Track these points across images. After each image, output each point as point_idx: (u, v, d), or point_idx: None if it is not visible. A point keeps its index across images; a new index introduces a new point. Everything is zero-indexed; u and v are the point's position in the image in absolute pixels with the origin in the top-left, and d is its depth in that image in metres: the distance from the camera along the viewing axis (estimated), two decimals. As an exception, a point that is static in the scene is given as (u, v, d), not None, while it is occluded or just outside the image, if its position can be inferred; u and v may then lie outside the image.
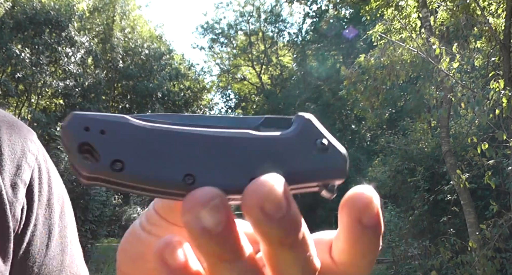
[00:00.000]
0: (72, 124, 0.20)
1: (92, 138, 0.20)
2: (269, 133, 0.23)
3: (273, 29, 22.56)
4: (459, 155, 5.44)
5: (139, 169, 0.20)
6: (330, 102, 17.18)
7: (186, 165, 0.20)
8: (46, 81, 12.36)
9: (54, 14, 11.79)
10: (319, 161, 0.22)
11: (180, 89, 19.39)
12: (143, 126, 0.21)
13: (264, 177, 0.20)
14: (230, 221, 0.19)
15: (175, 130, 0.21)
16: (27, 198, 0.46)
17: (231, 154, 0.21)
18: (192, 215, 0.19)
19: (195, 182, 0.20)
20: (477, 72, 5.55)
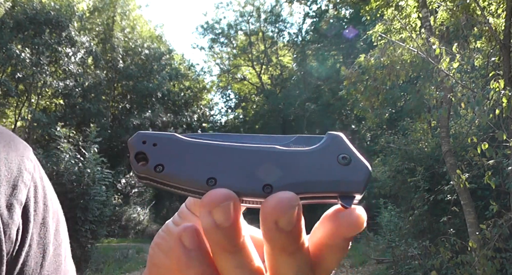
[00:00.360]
0: (134, 139, 0.27)
1: (146, 148, 0.27)
2: (295, 148, 0.26)
3: (273, 29, 22.58)
4: (459, 155, 5.44)
5: (175, 171, 0.26)
6: (330, 102, 17.18)
7: (211, 170, 0.26)
8: (46, 81, 12.36)
9: (54, 14, 11.79)
10: (338, 173, 0.25)
11: (180, 89, 19.39)
12: (184, 141, 0.27)
13: (282, 194, 0.23)
14: (236, 220, 0.23)
15: (208, 144, 0.27)
16: (23, 218, 0.45)
17: (252, 164, 0.26)
18: (205, 211, 0.23)
19: (216, 184, 0.25)
20: (477, 72, 5.55)
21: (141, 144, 0.27)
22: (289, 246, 0.24)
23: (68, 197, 6.95)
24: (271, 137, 0.28)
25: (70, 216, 6.82)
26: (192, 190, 0.26)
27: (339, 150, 0.26)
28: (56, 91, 13.45)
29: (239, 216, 0.24)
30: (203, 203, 0.23)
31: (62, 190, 6.88)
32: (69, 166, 7.27)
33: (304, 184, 0.25)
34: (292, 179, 0.25)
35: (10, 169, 0.45)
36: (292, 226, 0.23)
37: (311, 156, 0.26)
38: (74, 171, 7.24)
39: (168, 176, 0.26)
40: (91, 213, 7.22)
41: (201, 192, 0.25)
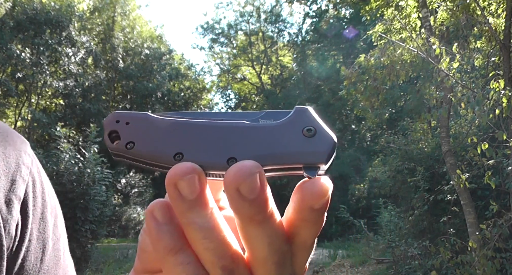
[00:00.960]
0: (108, 118, 0.28)
1: (119, 127, 0.28)
2: (261, 123, 0.27)
3: (273, 29, 22.58)
4: (459, 155, 5.44)
5: (144, 148, 0.27)
6: (330, 102, 17.19)
7: (179, 146, 0.27)
8: (47, 81, 12.36)
9: (55, 14, 11.79)
10: (303, 145, 0.26)
11: (180, 89, 19.39)
12: (155, 119, 0.28)
13: (243, 162, 0.24)
14: (202, 192, 0.24)
15: (178, 121, 0.28)
16: (22, 213, 0.45)
17: (219, 139, 0.26)
18: (171, 184, 0.24)
19: (182, 159, 0.26)
20: (477, 72, 5.55)
21: (115, 123, 0.28)
22: (255, 215, 0.23)
23: (68, 197, 6.95)
24: (242, 113, 0.29)
25: (70, 216, 6.82)
26: (161, 165, 0.27)
27: (304, 122, 0.27)
28: (56, 91, 13.45)
29: (205, 189, 0.24)
30: (168, 177, 0.24)
31: (62, 190, 6.88)
32: (69, 166, 7.27)
33: (268, 156, 0.25)
34: (256, 151, 0.26)
35: (8, 163, 0.45)
36: (255, 194, 0.23)
37: (276, 130, 0.26)
38: (74, 171, 7.23)
39: (138, 152, 0.27)
40: (91, 213, 7.22)
41: (169, 167, 0.25)
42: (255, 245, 0.25)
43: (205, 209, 0.24)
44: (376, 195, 8.86)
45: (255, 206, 0.23)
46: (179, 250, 0.25)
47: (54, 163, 7.35)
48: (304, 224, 0.25)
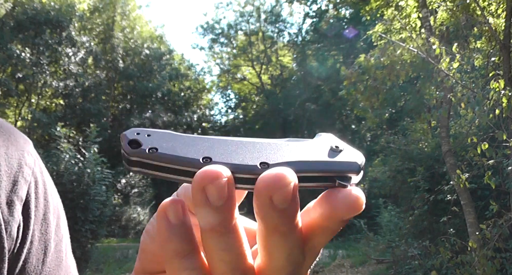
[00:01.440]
0: (127, 131, 0.27)
1: (140, 137, 0.26)
2: (288, 142, 0.27)
3: (273, 29, 22.57)
4: (459, 155, 5.44)
5: (168, 151, 0.25)
6: (330, 102, 17.18)
7: (206, 151, 0.25)
8: (47, 81, 12.36)
9: (55, 14, 11.79)
10: (334, 157, 0.26)
11: (180, 89, 19.39)
12: (178, 134, 0.27)
13: (278, 168, 0.22)
14: (230, 199, 0.22)
15: (203, 137, 0.27)
16: (24, 214, 0.44)
17: (249, 148, 0.26)
18: (198, 187, 0.22)
19: (211, 162, 0.24)
20: (477, 72, 5.55)
21: (135, 135, 0.26)
22: (282, 226, 0.22)
23: (68, 197, 6.95)
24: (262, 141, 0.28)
25: (70, 216, 6.83)
26: (185, 170, 0.25)
27: (331, 142, 0.27)
28: (56, 91, 13.45)
29: (234, 196, 0.23)
30: (196, 179, 0.22)
31: (62, 190, 6.88)
32: (69, 166, 7.27)
33: (302, 163, 0.24)
34: (289, 158, 0.25)
35: (10, 164, 0.45)
36: (287, 204, 0.22)
37: (305, 145, 0.26)
38: (74, 171, 7.24)
39: (161, 156, 0.25)
40: (91, 213, 7.22)
41: (195, 171, 0.24)
42: (274, 255, 0.24)
43: (231, 219, 0.23)
44: (376, 195, 8.86)
45: (284, 216, 0.22)
46: (187, 255, 0.24)
47: (54, 163, 7.35)
48: (324, 232, 0.25)
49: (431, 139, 7.55)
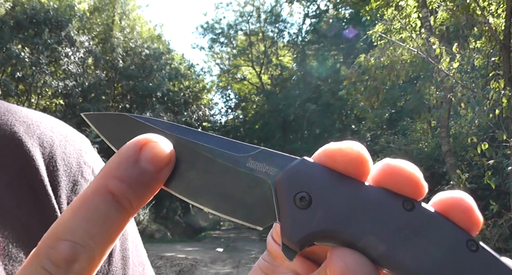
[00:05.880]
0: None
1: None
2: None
3: (273, 29, 22.57)
4: (459, 155, 5.44)
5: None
6: (330, 102, 17.18)
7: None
8: (46, 81, 12.36)
9: (54, 13, 11.79)
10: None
11: (180, 89, 19.39)
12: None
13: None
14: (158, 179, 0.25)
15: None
16: None
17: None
18: (137, 144, 0.24)
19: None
20: (477, 72, 5.54)
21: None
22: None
23: None
24: (233, 143, 0.26)
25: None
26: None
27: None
28: (56, 91, 13.45)
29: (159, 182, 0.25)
30: (140, 137, 0.24)
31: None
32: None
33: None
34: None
35: (69, 163, 0.44)
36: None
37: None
38: (74, 171, 7.23)
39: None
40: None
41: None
42: None
43: (139, 201, 0.25)
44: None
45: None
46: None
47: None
48: None
49: (431, 138, 7.55)
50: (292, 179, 0.24)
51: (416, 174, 0.23)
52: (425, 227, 0.22)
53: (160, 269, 7.07)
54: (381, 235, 0.22)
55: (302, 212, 0.23)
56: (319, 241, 0.23)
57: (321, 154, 0.24)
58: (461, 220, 0.22)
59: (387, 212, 0.22)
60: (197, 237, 16.75)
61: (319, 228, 0.23)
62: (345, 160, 0.23)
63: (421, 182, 0.23)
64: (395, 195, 0.23)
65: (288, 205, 0.23)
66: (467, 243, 0.22)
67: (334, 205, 0.23)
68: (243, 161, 0.25)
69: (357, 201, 0.23)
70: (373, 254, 0.22)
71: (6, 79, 11.37)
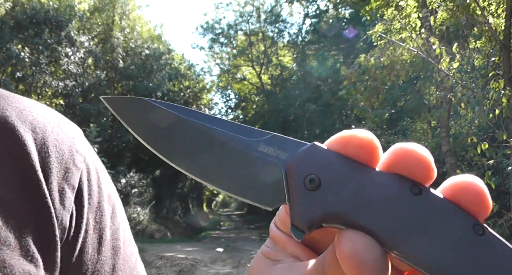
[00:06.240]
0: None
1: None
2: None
3: (273, 29, 22.57)
4: (459, 155, 5.44)
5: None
6: (330, 102, 17.18)
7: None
8: (46, 81, 12.36)
9: (54, 13, 11.79)
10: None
11: (180, 89, 19.39)
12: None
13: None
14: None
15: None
16: (76, 203, 0.43)
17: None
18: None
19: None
20: (477, 72, 5.54)
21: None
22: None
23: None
24: (246, 128, 0.28)
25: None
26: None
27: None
28: (56, 91, 13.45)
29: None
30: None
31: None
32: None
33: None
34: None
35: (61, 150, 0.44)
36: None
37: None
38: (74, 171, 7.22)
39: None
40: (91, 213, 7.22)
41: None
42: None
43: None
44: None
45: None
46: None
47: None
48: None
49: (431, 138, 7.55)
50: (303, 162, 0.24)
51: (426, 157, 0.23)
52: (432, 212, 0.22)
53: (160, 269, 7.07)
54: (387, 218, 0.22)
55: (311, 194, 0.24)
56: (327, 223, 0.24)
57: (334, 140, 0.25)
58: (469, 204, 0.22)
59: (394, 196, 0.23)
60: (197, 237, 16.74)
61: (327, 209, 0.23)
62: (357, 146, 0.24)
63: (430, 165, 0.23)
64: (404, 180, 0.23)
65: (298, 187, 0.24)
66: (474, 227, 0.22)
67: (343, 188, 0.23)
68: (255, 145, 0.26)
69: (366, 185, 0.23)
70: (380, 237, 0.22)
71: (6, 79, 11.37)
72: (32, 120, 0.44)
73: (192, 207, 23.16)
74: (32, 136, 0.42)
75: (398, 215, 0.22)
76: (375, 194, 0.23)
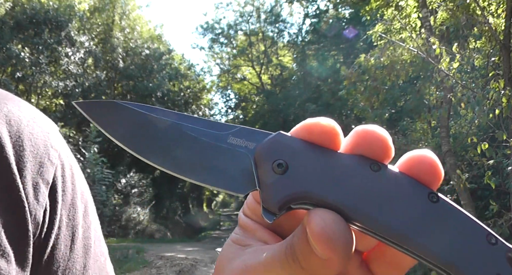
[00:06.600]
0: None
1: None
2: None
3: (273, 29, 22.57)
4: (459, 155, 5.44)
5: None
6: (330, 102, 17.17)
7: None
8: (46, 81, 12.36)
9: (54, 13, 11.79)
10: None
11: (180, 89, 19.39)
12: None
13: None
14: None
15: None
16: (50, 199, 0.43)
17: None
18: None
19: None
20: (477, 72, 5.54)
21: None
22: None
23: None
24: (215, 123, 0.29)
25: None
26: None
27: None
28: (56, 91, 13.44)
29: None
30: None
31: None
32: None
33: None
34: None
35: (36, 144, 0.43)
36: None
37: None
38: (74, 171, 7.23)
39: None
40: (91, 213, 7.21)
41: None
42: None
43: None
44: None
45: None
46: None
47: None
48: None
49: (431, 138, 7.54)
50: (270, 149, 0.27)
51: (384, 136, 0.25)
52: (390, 185, 0.24)
53: (160, 269, 7.07)
54: (350, 194, 0.24)
55: (279, 177, 0.25)
56: (296, 203, 0.25)
57: (298, 128, 0.28)
58: (424, 176, 0.25)
59: (355, 174, 0.25)
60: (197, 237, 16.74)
61: (295, 190, 0.25)
62: (320, 132, 0.26)
63: (388, 144, 0.25)
64: (364, 159, 0.25)
65: (267, 172, 0.26)
66: (429, 195, 0.24)
67: (309, 169, 0.25)
68: (225, 138, 0.28)
69: (330, 166, 0.25)
70: (344, 212, 0.24)
71: (6, 79, 11.37)
72: (7, 112, 0.42)
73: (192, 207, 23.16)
74: (7, 129, 0.41)
75: (360, 190, 0.24)
76: (338, 173, 0.25)
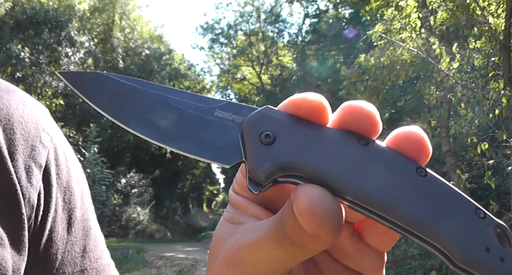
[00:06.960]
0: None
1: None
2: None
3: (273, 29, 22.57)
4: (459, 155, 5.44)
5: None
6: (330, 102, 17.14)
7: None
8: (46, 81, 12.36)
9: (54, 13, 11.79)
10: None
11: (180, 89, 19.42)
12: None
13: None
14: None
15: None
16: (44, 182, 0.42)
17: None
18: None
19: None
20: (477, 72, 5.54)
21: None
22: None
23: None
24: (202, 97, 0.29)
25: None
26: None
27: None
28: (56, 91, 13.45)
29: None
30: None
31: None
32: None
33: None
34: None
35: (26, 128, 0.42)
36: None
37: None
38: (74, 171, 7.23)
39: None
40: (91, 213, 7.22)
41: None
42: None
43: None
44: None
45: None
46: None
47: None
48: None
49: (431, 139, 7.54)
50: (258, 121, 0.27)
51: (372, 112, 0.25)
52: (378, 159, 0.25)
53: (160, 269, 7.07)
54: (338, 167, 0.24)
55: (266, 148, 0.25)
56: (283, 176, 0.25)
57: (286, 103, 0.28)
58: (411, 151, 0.25)
59: (343, 147, 0.25)
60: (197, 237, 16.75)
61: (282, 160, 0.25)
62: (308, 107, 0.26)
63: (376, 119, 0.25)
64: (352, 133, 0.26)
65: (254, 142, 0.26)
66: (417, 170, 0.24)
67: (297, 142, 0.25)
68: (211, 111, 0.28)
69: (317, 139, 0.25)
70: (332, 185, 0.24)
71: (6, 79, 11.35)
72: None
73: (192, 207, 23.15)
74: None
75: (348, 163, 0.24)
76: (326, 146, 0.25)
